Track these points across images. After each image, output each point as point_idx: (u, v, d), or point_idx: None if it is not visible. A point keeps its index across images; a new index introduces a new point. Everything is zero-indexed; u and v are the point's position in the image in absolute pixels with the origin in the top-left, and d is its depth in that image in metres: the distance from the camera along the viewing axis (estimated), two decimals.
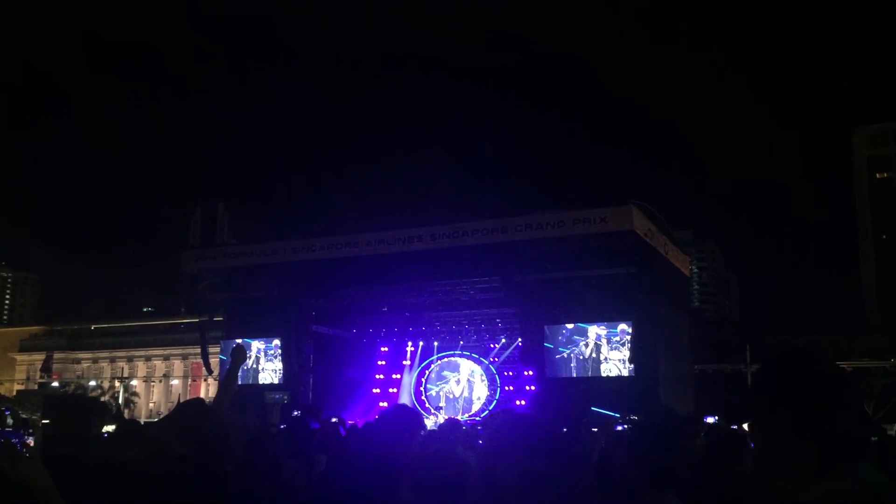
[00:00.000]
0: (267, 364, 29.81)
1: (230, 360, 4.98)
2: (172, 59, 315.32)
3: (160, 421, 4.90)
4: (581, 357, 25.42)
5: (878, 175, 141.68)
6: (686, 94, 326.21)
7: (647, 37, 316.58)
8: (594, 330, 25.49)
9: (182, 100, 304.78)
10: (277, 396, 26.62)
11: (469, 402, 30.70)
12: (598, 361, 25.27)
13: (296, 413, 15.06)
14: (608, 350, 25.20)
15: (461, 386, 31.04)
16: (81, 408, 4.82)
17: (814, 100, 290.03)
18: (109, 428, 5.72)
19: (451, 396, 30.96)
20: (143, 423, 11.84)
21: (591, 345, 25.38)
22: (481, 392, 30.60)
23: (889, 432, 12.05)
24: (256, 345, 30.14)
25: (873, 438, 6.09)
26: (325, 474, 5.22)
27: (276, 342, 29.70)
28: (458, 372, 31.20)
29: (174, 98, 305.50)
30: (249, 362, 30.31)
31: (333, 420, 12.07)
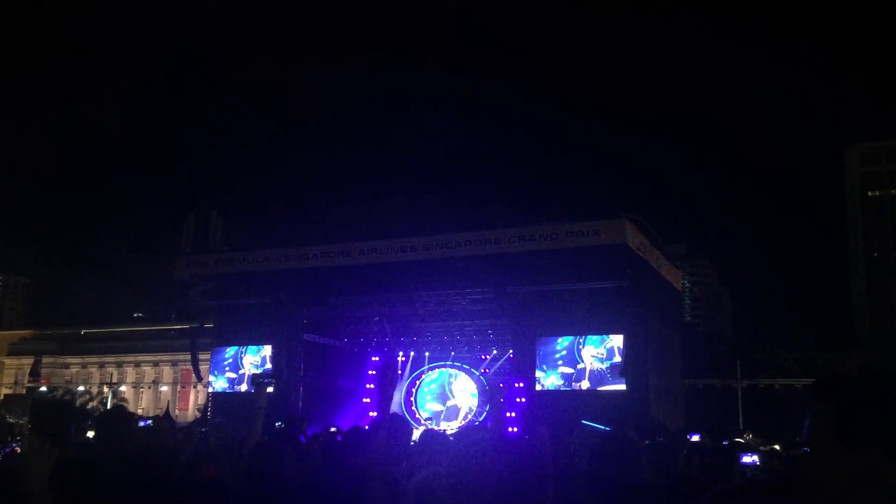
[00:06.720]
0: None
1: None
2: (165, 61, 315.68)
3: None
4: (572, 370, 25.37)
5: (870, 193, 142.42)
6: (679, 107, 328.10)
7: (641, 49, 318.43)
8: (585, 344, 25.46)
9: (177, 103, 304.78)
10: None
11: (455, 412, 30.57)
12: (589, 374, 25.21)
13: (278, 424, 14.87)
14: (599, 363, 25.15)
15: (451, 398, 30.92)
16: (63, 413, 4.83)
17: (807, 116, 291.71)
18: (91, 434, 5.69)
19: (438, 408, 30.83)
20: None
21: (584, 357, 25.34)
22: (471, 403, 30.49)
23: None
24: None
25: None
26: (319, 482, 5.18)
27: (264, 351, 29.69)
28: (449, 383, 31.08)
29: (169, 101, 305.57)
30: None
31: (332, 430, 12.06)
